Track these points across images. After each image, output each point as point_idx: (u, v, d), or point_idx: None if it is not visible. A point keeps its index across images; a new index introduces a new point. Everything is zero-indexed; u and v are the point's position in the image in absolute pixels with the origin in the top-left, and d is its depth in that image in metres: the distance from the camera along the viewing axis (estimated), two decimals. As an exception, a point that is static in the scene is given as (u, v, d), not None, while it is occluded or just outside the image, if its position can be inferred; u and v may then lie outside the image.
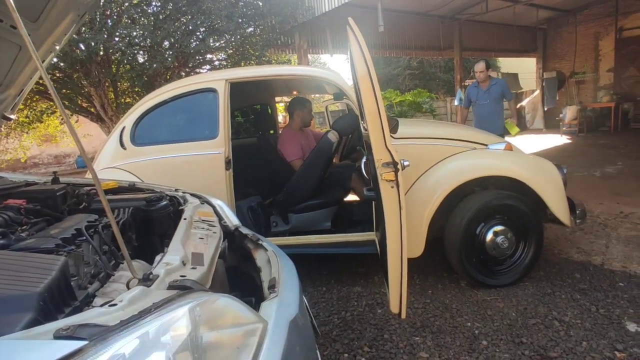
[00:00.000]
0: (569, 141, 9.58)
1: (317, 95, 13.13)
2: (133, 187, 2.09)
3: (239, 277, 1.70)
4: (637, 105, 10.46)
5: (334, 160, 4.25)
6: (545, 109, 11.79)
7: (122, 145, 3.14)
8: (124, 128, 3.17)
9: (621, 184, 5.17)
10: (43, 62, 1.95)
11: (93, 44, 5.98)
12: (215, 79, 3.08)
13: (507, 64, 15.77)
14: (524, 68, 13.08)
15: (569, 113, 10.48)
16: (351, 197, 3.91)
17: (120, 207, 1.57)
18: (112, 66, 6.76)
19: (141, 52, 6.93)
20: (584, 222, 2.85)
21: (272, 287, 1.21)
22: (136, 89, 6.78)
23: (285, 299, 1.14)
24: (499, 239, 2.62)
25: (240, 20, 6.78)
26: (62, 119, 9.20)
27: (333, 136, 3.10)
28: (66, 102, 7.36)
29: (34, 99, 8.33)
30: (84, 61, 6.27)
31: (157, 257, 1.14)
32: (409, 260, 2.66)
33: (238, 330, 0.86)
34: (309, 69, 3.30)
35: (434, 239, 2.73)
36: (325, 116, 6.54)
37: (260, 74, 3.24)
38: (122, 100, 7.54)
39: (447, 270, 2.93)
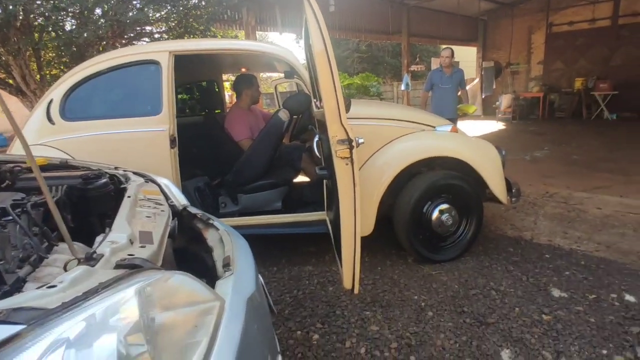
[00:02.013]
0: (504, 127, 10.27)
1: (264, 75, 12.82)
2: (65, 164, 1.91)
3: (187, 259, 1.63)
4: (562, 96, 11.43)
5: (283, 141, 4.20)
6: (483, 96, 12.51)
7: (49, 120, 2.84)
8: (51, 101, 2.86)
9: (547, 167, 5.65)
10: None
11: (11, 6, 5.30)
12: (158, 50, 2.86)
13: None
14: (465, 56, 13.70)
15: (504, 101, 11.22)
16: (301, 178, 3.90)
17: (52, 186, 1.42)
18: (35, 33, 6.06)
19: (69, 18, 6.27)
20: (518, 200, 3.07)
21: (227, 265, 1.16)
22: (64, 60, 6.16)
23: (241, 277, 1.10)
24: (444, 217, 2.75)
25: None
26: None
27: (284, 115, 3.04)
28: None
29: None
30: (0, 26, 5.55)
31: (98, 238, 1.04)
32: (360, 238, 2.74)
33: (194, 309, 0.82)
34: (260, 44, 3.17)
35: (382, 218, 2.81)
36: (275, 97, 6.41)
37: (207, 47, 3.06)
38: (47, 72, 6.81)
39: (395, 247, 3.04)
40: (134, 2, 6.12)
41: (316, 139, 2.62)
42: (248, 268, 1.20)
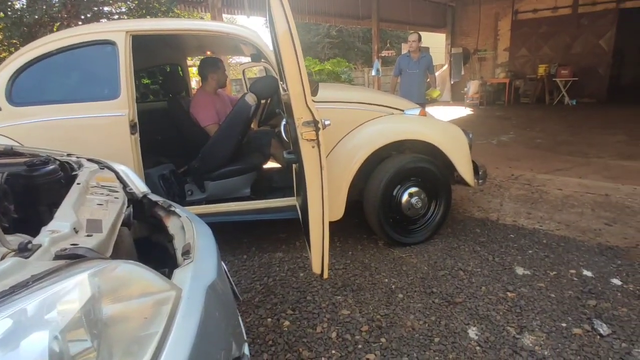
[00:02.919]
0: (472, 112, 10.49)
1: (233, 61, 12.49)
2: (10, 151, 1.76)
3: (150, 249, 1.55)
4: (526, 82, 11.77)
5: (252, 126, 4.10)
6: (452, 82, 12.71)
7: (-5, 105, 2.63)
8: (-4, 84, 2.65)
9: (513, 150, 5.82)
10: None
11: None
12: (113, 29, 2.68)
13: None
14: (435, 43, 13.82)
15: (472, 87, 11.43)
16: (271, 165, 3.83)
17: (-9, 172, 1.30)
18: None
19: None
20: (484, 182, 3.14)
21: (187, 252, 1.10)
22: (13, 41, 5.74)
23: (201, 265, 1.04)
24: (414, 200, 2.77)
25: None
26: None
27: (251, 99, 2.95)
28: None
29: None
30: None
31: (43, 228, 0.96)
32: (330, 223, 2.72)
33: (147, 300, 0.76)
34: (224, 25, 3.04)
35: (352, 202, 2.80)
36: (243, 82, 6.24)
37: (167, 27, 2.90)
38: (-4, 52, 6.35)
39: (365, 232, 3.05)
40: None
41: (284, 122, 2.56)
42: (209, 255, 1.14)
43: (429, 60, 5.27)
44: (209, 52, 4.37)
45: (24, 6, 5.81)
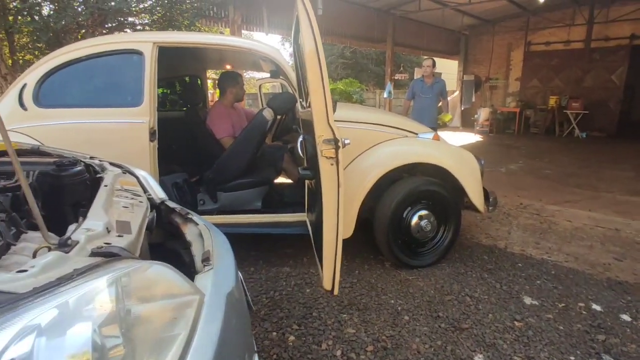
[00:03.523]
0: (481, 139, 10.54)
1: (247, 75, 12.73)
2: (37, 150, 1.82)
3: (163, 255, 1.58)
4: (537, 112, 11.84)
5: (266, 141, 4.17)
6: (462, 108, 12.81)
7: (21, 105, 2.72)
8: (24, 86, 2.74)
9: (521, 179, 5.82)
10: None
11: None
12: (142, 40, 2.78)
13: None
14: (448, 68, 14.01)
15: (483, 114, 11.52)
16: (282, 180, 3.87)
17: (23, 171, 1.34)
18: (10, 16, 5.81)
19: (47, 2, 6.05)
20: (494, 210, 3.15)
21: (207, 259, 1.13)
22: (39, 45, 5.93)
23: (221, 272, 1.07)
24: (423, 223, 2.78)
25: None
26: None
27: (268, 114, 3.01)
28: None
29: None
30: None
31: (71, 227, 0.99)
32: (339, 241, 2.74)
33: (172, 302, 0.79)
34: (248, 41, 3.13)
35: (362, 221, 2.81)
36: (259, 97, 6.35)
37: (193, 40, 3.01)
38: (21, 56, 6.55)
39: (372, 252, 3.05)
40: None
41: (300, 139, 2.61)
42: (228, 263, 1.17)
43: (442, 86, 5.35)
44: (228, 66, 4.49)
45: (52, 12, 6.04)
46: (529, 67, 12.15)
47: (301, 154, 2.62)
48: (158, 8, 6.57)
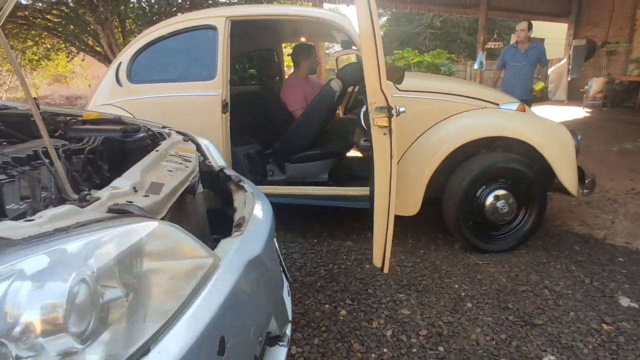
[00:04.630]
0: (591, 114, 9.16)
1: (331, 50, 12.64)
2: (117, 119, 2.00)
3: (222, 221, 1.64)
4: (669, 82, 9.85)
5: (338, 113, 4.10)
6: (569, 78, 11.19)
7: (118, 81, 3.03)
8: (120, 64, 3.03)
9: (637, 161, 4.93)
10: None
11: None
12: (215, 15, 2.88)
13: (534, 28, 14.84)
14: (552, 33, 12.28)
15: (595, 85, 9.93)
16: (354, 153, 3.80)
17: (93, 136, 1.48)
18: (121, 5, 6.47)
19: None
20: (591, 192, 2.70)
21: (239, 225, 1.14)
22: (141, 29, 6.55)
23: (248, 239, 1.06)
24: (499, 204, 2.51)
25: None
26: (69, 58, 9.03)
27: (336, 85, 2.93)
28: (71, 39, 7.17)
29: (43, 35, 8.15)
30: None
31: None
32: (404, 218, 2.61)
33: (182, 263, 0.79)
34: (315, 10, 3.07)
35: (432, 200, 2.63)
36: (337, 71, 6.26)
37: (262, 12, 3.02)
38: (131, 39, 7.32)
39: (442, 232, 2.86)
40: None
41: (363, 109, 2.49)
42: (260, 231, 1.16)
43: (540, 51, 4.63)
44: (303, 39, 4.46)
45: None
46: (663, 27, 10.07)
47: (364, 125, 2.51)
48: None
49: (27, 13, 6.56)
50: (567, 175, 2.51)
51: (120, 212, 0.76)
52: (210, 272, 0.81)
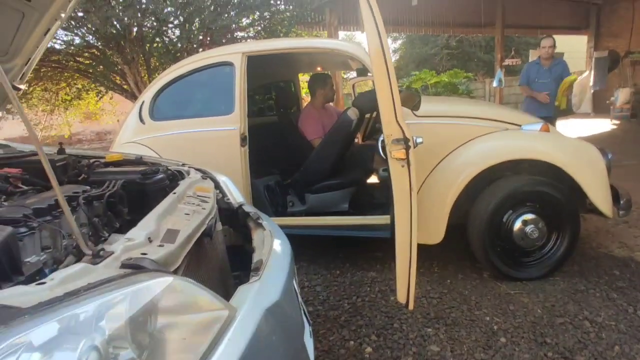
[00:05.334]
0: (619, 126, 8.83)
1: (349, 76, 12.83)
2: (139, 160, 2.05)
3: (243, 258, 1.62)
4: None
5: (356, 140, 4.09)
6: (592, 90, 10.88)
7: (141, 120, 3.13)
8: (143, 103, 3.15)
9: (676, 174, 4.67)
10: (48, 30, 1.91)
11: (126, 19, 6.04)
12: (232, 52, 2.97)
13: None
14: (571, 47, 12.06)
15: (622, 96, 9.62)
16: (374, 180, 3.76)
17: (113, 179, 1.51)
18: (146, 45, 6.81)
19: (172, 29, 6.94)
20: (628, 213, 2.56)
21: (257, 269, 1.11)
22: (164, 66, 6.85)
23: (266, 284, 1.03)
24: (528, 229, 2.40)
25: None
26: (99, 96, 9.50)
27: (353, 113, 2.94)
28: (100, 79, 7.57)
29: (75, 76, 8.64)
30: (117, 38, 6.36)
31: (115, 236, 1.07)
32: (428, 246, 2.52)
33: (197, 317, 0.77)
34: (328, 41, 3.13)
35: (458, 225, 2.55)
36: (353, 97, 6.32)
37: (277, 47, 3.09)
38: (155, 76, 7.65)
39: (470, 259, 2.74)
40: (228, 9, 6.53)
41: (381, 138, 2.47)
42: (279, 275, 1.13)
43: (564, 67, 4.52)
44: (319, 68, 4.54)
45: (176, 36, 6.92)
46: (690, 34, 9.76)
47: (382, 155, 2.48)
48: (259, 21, 7.03)
49: (60, 57, 6.98)
50: (599, 196, 2.39)
51: (133, 268, 0.75)
52: (226, 324, 0.78)
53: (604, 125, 9.10)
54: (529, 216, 2.41)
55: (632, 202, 2.57)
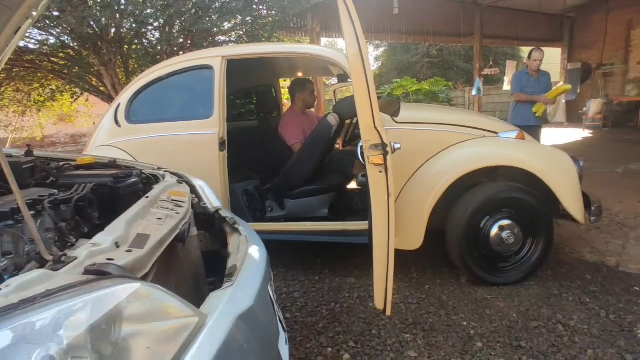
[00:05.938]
0: (592, 136, 9.16)
1: (327, 82, 12.91)
2: (112, 163, 1.99)
3: (219, 263, 1.59)
4: (667, 101, 9.91)
5: (337, 147, 4.10)
6: (564, 101, 11.27)
7: (117, 122, 3.05)
8: (119, 105, 3.07)
9: (644, 182, 4.87)
10: (19, 28, 1.84)
11: (104, 20, 5.90)
12: (211, 55, 2.94)
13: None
14: (546, 58, 12.47)
15: (593, 107, 10.00)
16: (353, 186, 3.76)
17: (84, 183, 1.46)
18: (125, 46, 6.67)
19: (152, 31, 6.83)
20: (599, 219, 2.64)
21: (230, 275, 1.08)
22: (144, 69, 6.72)
23: (240, 290, 1.01)
24: (505, 234, 2.44)
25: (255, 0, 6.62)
26: (74, 98, 9.24)
27: (333, 119, 2.94)
28: (76, 81, 7.36)
29: (49, 77, 8.38)
30: (93, 39, 6.21)
31: (81, 241, 1.03)
32: (408, 252, 2.54)
33: (164, 325, 0.74)
34: (309, 47, 3.13)
35: (437, 231, 2.57)
36: (335, 103, 6.34)
37: (257, 51, 3.08)
38: (134, 79, 7.50)
39: (448, 265, 2.77)
40: (209, 12, 6.47)
41: (360, 144, 2.48)
42: (253, 280, 1.11)
43: (548, 79, 4.71)
44: (300, 73, 4.54)
45: (156, 39, 6.80)
46: (656, 48, 10.24)
47: (361, 160, 2.49)
48: (242, 25, 6.99)
49: (33, 57, 6.76)
50: (571, 202, 2.45)
51: (97, 274, 0.72)
52: (195, 332, 0.75)
53: (577, 134, 9.41)
54: (505, 222, 2.46)
55: (602, 209, 2.64)
